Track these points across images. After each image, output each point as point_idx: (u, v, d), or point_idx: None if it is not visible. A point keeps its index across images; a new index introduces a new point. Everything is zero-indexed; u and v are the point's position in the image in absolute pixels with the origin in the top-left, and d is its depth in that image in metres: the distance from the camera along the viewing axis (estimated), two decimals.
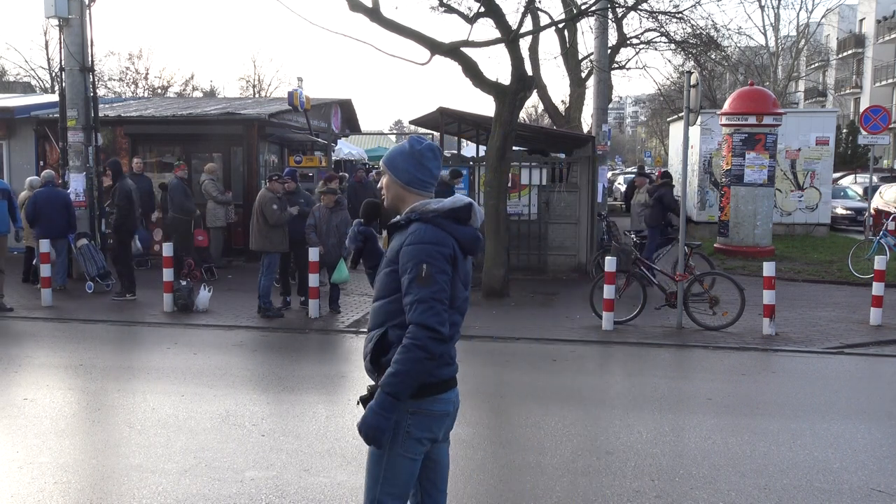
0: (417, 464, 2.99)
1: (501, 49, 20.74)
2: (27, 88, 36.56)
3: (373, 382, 2.96)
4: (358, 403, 2.98)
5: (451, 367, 2.99)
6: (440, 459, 3.11)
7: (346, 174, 17.97)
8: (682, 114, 9.44)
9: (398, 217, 3.01)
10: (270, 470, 5.00)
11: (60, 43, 12.15)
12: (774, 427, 5.94)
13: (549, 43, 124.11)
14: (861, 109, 29.80)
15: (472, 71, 10.94)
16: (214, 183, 13.19)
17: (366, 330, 9.04)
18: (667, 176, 12.83)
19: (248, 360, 8.10)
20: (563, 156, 17.40)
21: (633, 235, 12.58)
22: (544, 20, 17.11)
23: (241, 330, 9.30)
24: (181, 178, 12.63)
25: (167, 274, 10.26)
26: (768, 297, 8.99)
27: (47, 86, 37.70)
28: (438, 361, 2.85)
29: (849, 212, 21.69)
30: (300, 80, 15.03)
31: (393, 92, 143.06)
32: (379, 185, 3.16)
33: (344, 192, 14.01)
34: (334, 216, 9.78)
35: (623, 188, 26.08)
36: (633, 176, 18.20)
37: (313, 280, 9.75)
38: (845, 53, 49.20)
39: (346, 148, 26.91)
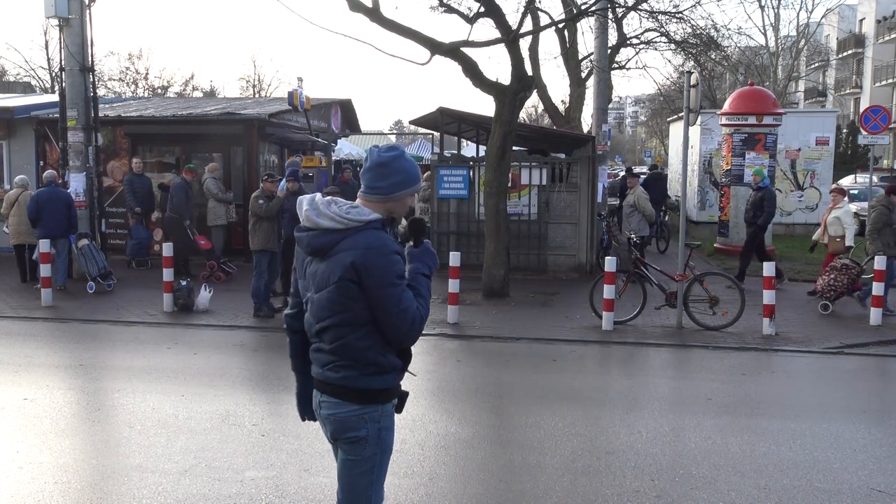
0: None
1: (501, 49, 20.71)
2: (27, 88, 36.58)
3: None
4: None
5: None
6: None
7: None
8: (682, 114, 9.44)
9: None
10: (270, 470, 5.00)
11: (60, 43, 12.15)
12: (774, 427, 5.94)
13: (549, 43, 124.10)
14: (861, 109, 29.79)
15: (472, 71, 10.94)
16: (216, 181, 13.19)
17: None
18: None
19: (248, 360, 8.10)
20: (563, 156, 17.39)
21: (632, 235, 12.56)
22: (544, 20, 17.11)
23: (241, 330, 9.30)
24: (185, 180, 12.63)
25: (167, 274, 10.26)
26: (768, 297, 8.99)
27: (47, 86, 37.69)
28: None
29: None
30: (300, 80, 15.00)
31: (393, 92, 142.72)
32: None
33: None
34: None
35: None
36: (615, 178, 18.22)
37: None
38: (845, 53, 49.18)
39: (346, 148, 26.93)
